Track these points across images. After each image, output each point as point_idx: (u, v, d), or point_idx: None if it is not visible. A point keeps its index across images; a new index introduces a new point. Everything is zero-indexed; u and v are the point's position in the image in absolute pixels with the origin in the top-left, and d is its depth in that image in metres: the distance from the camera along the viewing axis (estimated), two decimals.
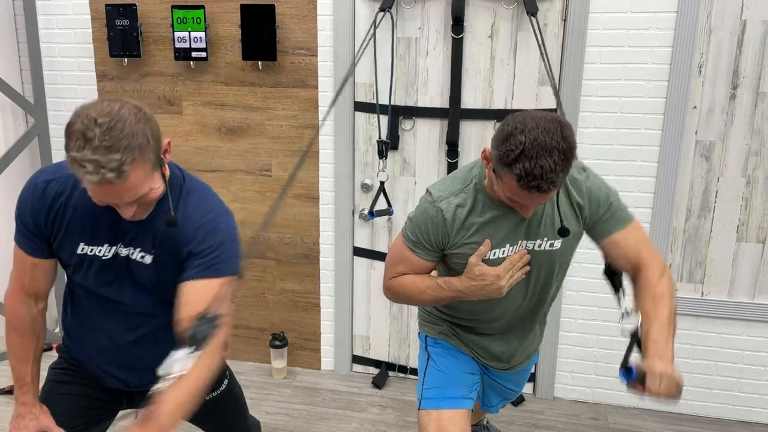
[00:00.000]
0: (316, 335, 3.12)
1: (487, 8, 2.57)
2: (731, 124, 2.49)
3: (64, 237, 1.45)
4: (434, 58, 2.67)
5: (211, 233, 1.41)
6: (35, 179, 1.47)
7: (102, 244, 1.45)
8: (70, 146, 1.22)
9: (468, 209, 1.59)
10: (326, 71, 2.77)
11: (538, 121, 1.36)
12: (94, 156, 1.19)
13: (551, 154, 1.33)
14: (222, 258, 1.40)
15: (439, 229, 1.61)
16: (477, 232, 1.59)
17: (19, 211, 1.47)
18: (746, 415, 2.75)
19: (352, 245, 2.97)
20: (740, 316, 2.64)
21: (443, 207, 1.60)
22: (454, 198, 1.60)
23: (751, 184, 2.53)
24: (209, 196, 1.49)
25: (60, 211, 1.43)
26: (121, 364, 1.58)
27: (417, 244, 1.65)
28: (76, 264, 1.48)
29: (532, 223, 1.60)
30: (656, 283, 1.56)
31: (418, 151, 2.78)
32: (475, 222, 1.59)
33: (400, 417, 2.78)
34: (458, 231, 1.60)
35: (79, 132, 1.20)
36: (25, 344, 1.53)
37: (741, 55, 2.43)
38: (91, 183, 1.22)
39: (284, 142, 2.89)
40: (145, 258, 1.45)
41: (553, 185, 1.36)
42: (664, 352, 1.44)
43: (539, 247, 1.62)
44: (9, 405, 2.75)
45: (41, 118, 3.06)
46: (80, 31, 2.96)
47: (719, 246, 2.62)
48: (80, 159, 1.19)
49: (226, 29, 2.79)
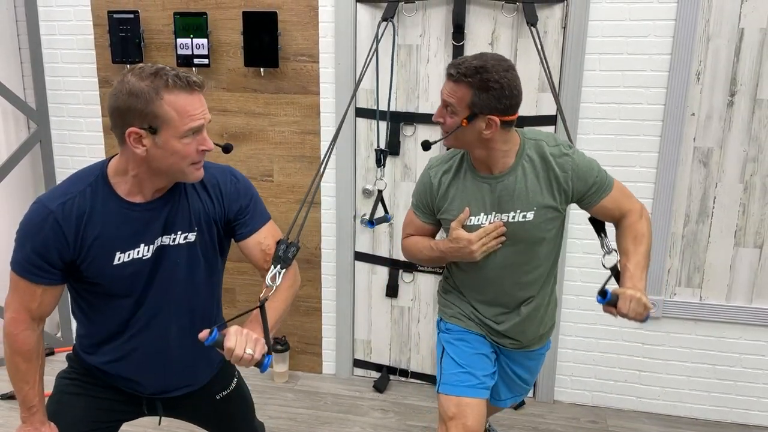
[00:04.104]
0: (317, 339, 3.13)
1: (488, 16, 2.60)
2: (729, 130, 2.52)
3: (96, 254, 1.42)
4: (435, 65, 2.69)
5: (245, 187, 1.58)
6: (46, 206, 1.39)
7: (138, 245, 1.45)
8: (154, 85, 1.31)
9: (451, 176, 1.79)
10: (328, 78, 2.79)
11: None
12: (179, 73, 1.34)
13: (483, 59, 1.62)
14: (261, 205, 1.61)
15: (428, 193, 1.83)
16: (455, 199, 1.78)
17: (32, 246, 1.39)
18: (744, 418, 2.78)
19: (354, 250, 2.99)
20: (738, 320, 2.67)
21: (432, 173, 1.82)
22: (443, 165, 1.82)
23: (749, 190, 2.56)
24: (217, 165, 1.60)
25: (86, 228, 1.40)
26: (162, 370, 1.58)
27: (417, 206, 1.89)
28: (113, 276, 1.45)
29: (504, 196, 1.74)
30: (636, 223, 1.78)
31: (419, 157, 2.80)
32: (454, 189, 1.79)
33: (401, 421, 2.80)
34: (441, 197, 1.80)
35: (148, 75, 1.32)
36: (30, 368, 1.50)
37: (738, 63, 2.46)
38: (191, 88, 1.34)
39: (286, 147, 2.91)
40: (189, 236, 1.50)
41: (464, 76, 1.60)
42: (638, 283, 1.67)
43: (513, 218, 1.75)
44: (11, 410, 2.77)
45: (43, 123, 3.07)
46: (82, 38, 2.97)
47: (717, 251, 2.65)
48: (175, 74, 1.32)
49: (228, 36, 2.81)
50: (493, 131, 1.65)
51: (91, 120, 3.07)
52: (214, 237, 1.56)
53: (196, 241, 1.52)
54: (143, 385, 1.60)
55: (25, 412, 1.52)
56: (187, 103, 1.34)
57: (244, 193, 1.57)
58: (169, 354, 1.57)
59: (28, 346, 1.48)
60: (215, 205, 1.54)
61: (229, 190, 1.55)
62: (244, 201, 1.57)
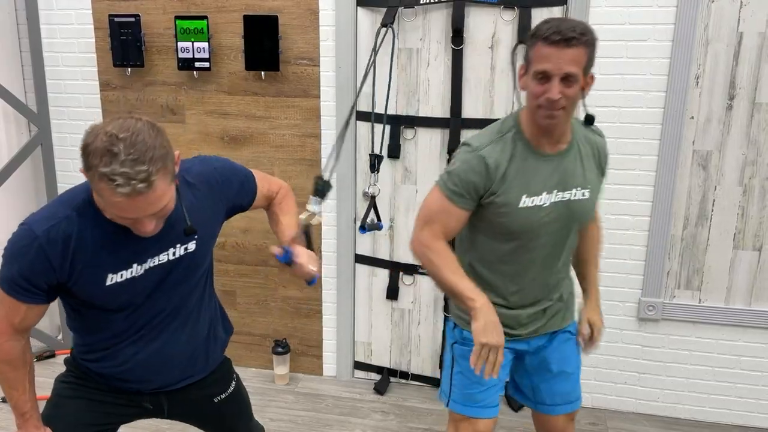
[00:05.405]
0: (318, 342, 3.14)
1: (488, 20, 2.61)
2: (728, 134, 2.53)
3: (87, 277, 1.40)
4: (435, 68, 2.70)
5: (230, 168, 1.61)
6: (31, 231, 1.35)
7: (131, 265, 1.43)
8: (94, 164, 1.22)
9: (508, 157, 1.65)
10: (328, 81, 2.80)
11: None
12: (123, 168, 1.20)
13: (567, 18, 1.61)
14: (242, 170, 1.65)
15: (483, 176, 1.64)
16: (514, 180, 1.65)
17: (19, 269, 1.36)
18: (743, 420, 2.79)
19: (354, 252, 3.00)
20: (737, 322, 2.68)
21: (485, 155, 1.64)
22: (495, 145, 1.65)
23: (748, 193, 2.57)
24: (192, 160, 1.59)
25: (74, 253, 1.37)
26: (163, 368, 1.59)
27: (459, 194, 1.67)
28: (106, 296, 1.43)
29: (567, 174, 1.67)
30: (598, 238, 1.89)
31: (419, 160, 2.81)
32: (513, 170, 1.65)
33: (402, 423, 2.81)
34: (500, 179, 1.64)
35: (102, 149, 1.21)
36: (18, 376, 1.51)
37: (737, 67, 2.47)
38: (121, 196, 1.21)
39: (287, 150, 2.92)
40: (189, 246, 1.49)
41: (576, 40, 1.50)
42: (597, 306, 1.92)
43: (574, 196, 1.68)
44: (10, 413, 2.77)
45: (44, 126, 3.08)
46: (83, 41, 2.98)
47: (716, 254, 2.66)
48: (110, 173, 1.20)
49: (229, 39, 2.82)
50: (587, 91, 1.61)
51: (92, 123, 3.06)
52: (216, 231, 1.59)
53: (196, 250, 1.51)
54: (144, 384, 1.60)
55: (20, 419, 1.53)
56: (119, 202, 1.24)
57: (230, 174, 1.60)
58: (169, 352, 1.58)
59: (14, 355, 1.49)
60: (213, 200, 1.54)
61: (218, 180, 1.55)
62: (236, 182, 1.60)
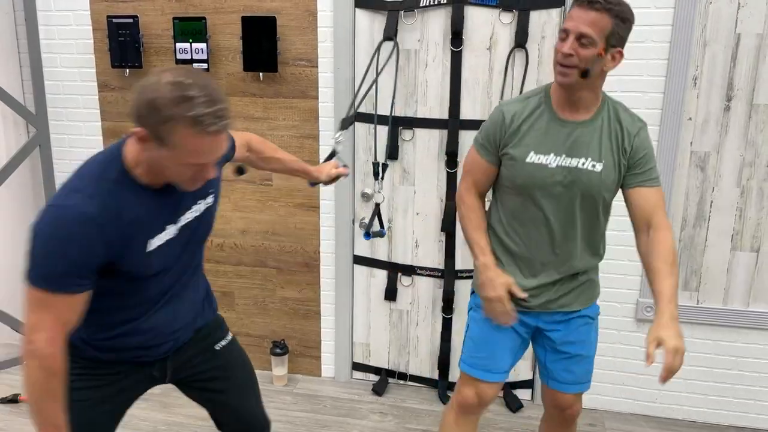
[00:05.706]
0: (316, 343, 3.14)
1: (486, 21, 2.61)
2: (726, 135, 2.54)
3: (135, 247, 1.38)
4: (433, 69, 2.70)
5: None
6: (82, 210, 1.28)
7: (166, 227, 1.45)
8: (173, 113, 1.21)
9: (525, 115, 1.78)
10: (327, 82, 2.80)
11: None
12: (208, 109, 1.22)
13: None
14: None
15: (498, 127, 1.81)
16: (525, 136, 1.77)
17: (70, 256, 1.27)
18: (741, 421, 2.80)
19: (352, 253, 3.00)
20: (735, 323, 2.69)
21: (504, 109, 1.81)
22: (517, 104, 1.82)
23: (746, 194, 2.58)
24: None
25: (127, 225, 1.34)
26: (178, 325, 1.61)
27: (482, 145, 1.86)
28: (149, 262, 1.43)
29: (579, 142, 1.74)
30: (673, 247, 1.75)
31: (417, 161, 2.81)
32: (526, 126, 1.77)
33: (400, 424, 2.81)
34: (512, 132, 1.78)
35: (177, 97, 1.21)
36: (61, 385, 1.38)
37: (735, 68, 2.47)
38: (210, 135, 1.24)
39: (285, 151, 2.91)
40: (208, 200, 1.56)
41: (600, 5, 1.59)
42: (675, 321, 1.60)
43: (582, 165, 1.75)
44: (11, 414, 2.77)
45: (42, 127, 3.08)
46: (81, 42, 2.98)
47: (714, 255, 2.66)
48: (196, 116, 1.21)
49: (227, 41, 2.82)
50: (614, 66, 1.67)
51: (90, 124, 3.07)
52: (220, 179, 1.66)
53: (213, 202, 1.59)
54: (163, 347, 1.59)
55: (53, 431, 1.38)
56: (203, 145, 1.26)
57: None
58: (186, 309, 1.61)
59: (63, 363, 1.36)
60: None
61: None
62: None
